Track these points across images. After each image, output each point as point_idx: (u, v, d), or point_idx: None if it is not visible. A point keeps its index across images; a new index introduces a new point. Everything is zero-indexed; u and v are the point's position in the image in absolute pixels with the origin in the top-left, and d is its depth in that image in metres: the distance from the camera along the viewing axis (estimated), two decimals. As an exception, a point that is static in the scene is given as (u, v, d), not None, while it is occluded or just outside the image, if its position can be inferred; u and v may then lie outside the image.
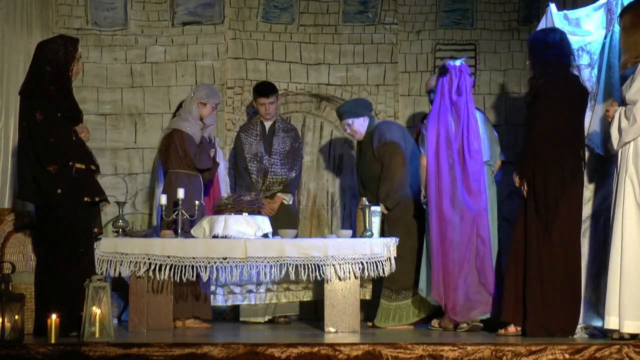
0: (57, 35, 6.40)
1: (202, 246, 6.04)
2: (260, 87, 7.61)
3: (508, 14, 8.53)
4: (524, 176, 5.74)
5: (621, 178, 5.35)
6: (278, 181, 7.44)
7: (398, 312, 6.63)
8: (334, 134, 8.56)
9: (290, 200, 7.49)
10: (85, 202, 5.81)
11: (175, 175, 6.72)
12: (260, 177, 7.43)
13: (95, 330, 5.15)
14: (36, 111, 5.77)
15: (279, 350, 4.85)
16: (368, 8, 8.53)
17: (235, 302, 7.24)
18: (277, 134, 7.53)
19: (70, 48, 5.93)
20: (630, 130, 5.32)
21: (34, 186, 5.77)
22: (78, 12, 8.33)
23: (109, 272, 6.03)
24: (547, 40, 5.85)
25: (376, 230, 6.36)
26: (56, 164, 5.73)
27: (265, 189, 7.39)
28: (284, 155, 7.49)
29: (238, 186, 7.38)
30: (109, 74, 8.32)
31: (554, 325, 5.54)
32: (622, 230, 5.28)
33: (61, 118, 5.81)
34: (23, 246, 6.56)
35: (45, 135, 5.75)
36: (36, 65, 5.92)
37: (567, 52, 5.86)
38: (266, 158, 7.45)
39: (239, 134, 7.60)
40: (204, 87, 6.95)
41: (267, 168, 7.43)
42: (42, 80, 5.84)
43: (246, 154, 7.46)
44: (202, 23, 8.39)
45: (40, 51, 5.93)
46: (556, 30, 5.96)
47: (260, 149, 7.46)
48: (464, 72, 6.47)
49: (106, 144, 8.25)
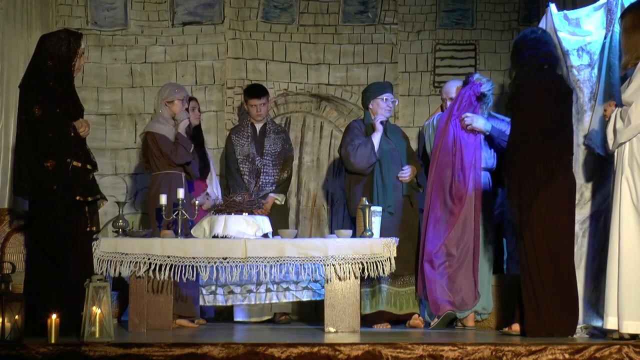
0: (61, 29, 6.35)
1: (202, 246, 6.03)
2: (251, 89, 7.63)
3: (508, 14, 8.54)
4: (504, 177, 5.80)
5: (617, 179, 5.34)
6: (270, 182, 7.45)
7: (399, 299, 6.70)
8: (334, 134, 8.56)
9: (282, 200, 7.50)
10: (77, 200, 5.78)
11: (158, 177, 6.72)
12: (253, 178, 7.43)
13: (95, 330, 5.15)
14: (35, 106, 5.72)
15: (279, 350, 4.85)
16: (368, 8, 8.54)
17: (235, 302, 7.24)
18: (268, 135, 7.54)
19: (73, 43, 5.86)
20: (624, 131, 5.31)
21: (30, 181, 5.73)
22: (78, 12, 8.33)
23: (109, 272, 6.02)
24: (525, 41, 5.84)
25: (376, 230, 6.36)
26: (54, 160, 5.70)
27: (258, 190, 7.40)
28: (276, 156, 7.50)
29: (231, 187, 7.38)
30: (109, 74, 8.33)
31: (552, 324, 5.54)
32: (620, 230, 5.28)
33: (60, 114, 5.76)
34: (23, 246, 6.56)
35: (44, 131, 5.70)
36: (37, 59, 5.85)
37: (546, 52, 5.80)
38: (258, 159, 7.46)
39: (230, 136, 7.60)
40: (167, 87, 6.93)
41: (260, 169, 7.44)
42: (42, 75, 5.78)
43: (238, 156, 7.47)
44: (202, 23, 8.39)
45: (43, 45, 5.86)
46: (535, 31, 5.94)
47: (252, 150, 7.47)
48: (478, 86, 6.70)
49: (106, 144, 8.25)
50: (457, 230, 6.50)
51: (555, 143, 5.65)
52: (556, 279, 5.58)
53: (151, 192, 6.69)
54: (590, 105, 5.95)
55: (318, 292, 7.10)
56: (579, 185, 5.90)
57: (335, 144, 8.56)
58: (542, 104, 5.67)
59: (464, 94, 6.70)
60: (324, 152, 8.51)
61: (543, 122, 5.66)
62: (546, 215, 5.59)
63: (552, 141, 5.65)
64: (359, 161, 6.81)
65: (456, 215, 6.50)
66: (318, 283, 7.06)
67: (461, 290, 6.45)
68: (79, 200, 5.78)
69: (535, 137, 5.63)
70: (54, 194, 5.68)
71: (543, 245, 5.59)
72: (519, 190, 5.63)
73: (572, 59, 6.00)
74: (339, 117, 8.61)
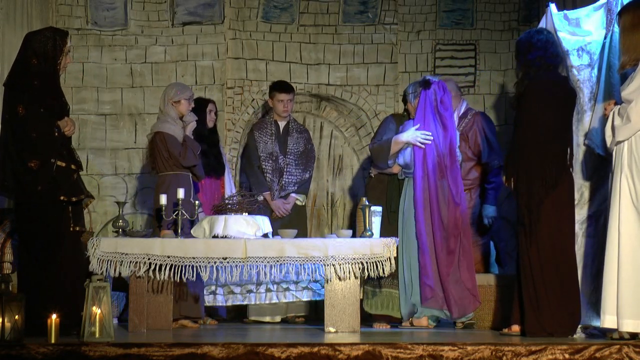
0: (46, 27, 6.32)
1: (202, 246, 6.03)
2: (280, 84, 7.63)
3: (508, 14, 8.54)
4: (510, 177, 5.76)
5: (616, 177, 5.33)
6: (293, 182, 7.45)
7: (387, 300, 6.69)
8: (333, 134, 8.56)
9: (303, 201, 7.51)
10: (61, 200, 5.75)
11: (165, 177, 6.70)
12: (276, 177, 7.43)
13: (95, 330, 5.15)
14: (19, 105, 5.67)
15: (279, 350, 4.85)
16: (368, 8, 8.54)
17: (235, 302, 7.24)
18: (291, 134, 7.53)
19: (59, 41, 5.80)
20: (623, 128, 5.28)
21: (14, 182, 5.68)
22: (78, 12, 8.33)
23: (109, 272, 6.02)
24: (532, 42, 5.82)
25: (376, 230, 6.36)
26: (38, 160, 5.65)
27: (280, 189, 7.40)
28: (298, 156, 7.50)
29: (252, 184, 7.38)
30: (109, 74, 8.32)
31: (552, 325, 5.54)
32: (619, 229, 5.27)
33: (44, 113, 5.69)
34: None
35: (27, 130, 5.64)
36: (22, 58, 5.80)
37: (553, 53, 5.82)
38: (281, 158, 7.45)
39: (253, 132, 7.58)
40: (172, 86, 6.92)
41: (283, 168, 7.43)
42: (27, 74, 5.73)
43: (260, 153, 7.46)
44: (202, 23, 8.39)
45: (28, 43, 5.80)
46: (542, 31, 5.93)
47: (276, 149, 7.46)
48: (445, 87, 6.69)
49: (106, 144, 8.25)
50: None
51: (563, 143, 5.67)
52: (558, 280, 5.58)
53: (159, 192, 6.65)
54: (590, 105, 5.95)
55: (318, 292, 7.11)
56: (579, 185, 5.90)
57: (335, 144, 8.57)
58: (552, 104, 5.68)
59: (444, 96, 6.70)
60: (324, 152, 8.51)
61: (552, 122, 5.66)
62: (551, 216, 5.59)
63: (561, 141, 5.67)
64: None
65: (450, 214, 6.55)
66: (318, 283, 7.06)
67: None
68: (63, 200, 5.76)
69: (546, 136, 5.64)
70: (38, 194, 5.65)
71: (547, 246, 5.59)
72: (528, 191, 5.62)
73: (572, 59, 6.00)
74: (339, 117, 8.61)
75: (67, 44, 5.87)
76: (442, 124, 6.59)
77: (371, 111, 8.46)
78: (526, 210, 5.62)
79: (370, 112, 8.47)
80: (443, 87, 6.68)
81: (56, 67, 5.81)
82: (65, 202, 5.74)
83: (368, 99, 8.48)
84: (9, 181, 5.71)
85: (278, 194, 7.38)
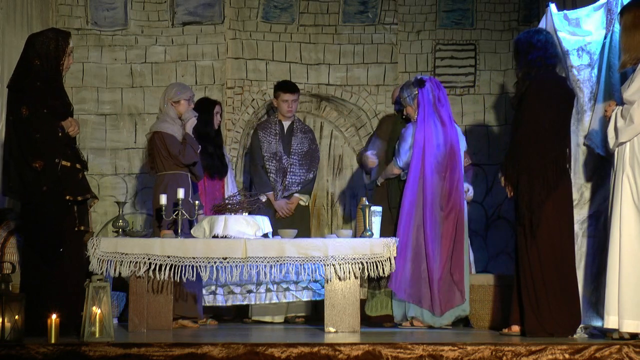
0: (49, 28, 6.32)
1: (202, 246, 6.03)
2: (285, 84, 7.62)
3: (508, 14, 8.54)
4: (509, 178, 5.76)
5: (618, 178, 5.34)
6: (296, 182, 7.45)
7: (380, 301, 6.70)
8: (333, 134, 8.57)
9: (307, 201, 7.51)
10: (67, 200, 5.75)
11: (163, 177, 6.70)
12: (279, 177, 7.42)
13: (95, 330, 5.15)
14: (22, 106, 5.68)
15: (279, 350, 4.85)
16: (368, 8, 8.54)
17: (235, 302, 7.24)
18: (295, 134, 7.53)
19: (61, 42, 5.81)
20: (626, 130, 5.30)
21: (19, 183, 5.70)
22: (78, 12, 8.33)
23: (109, 272, 6.02)
24: (532, 42, 5.82)
25: (376, 230, 6.36)
26: (42, 160, 5.66)
27: (284, 189, 7.40)
28: (302, 156, 7.50)
29: (255, 184, 7.38)
30: (109, 74, 8.33)
31: (552, 325, 5.54)
32: (620, 229, 5.28)
33: (47, 114, 5.70)
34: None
35: (31, 131, 5.66)
36: (25, 59, 5.81)
37: (553, 53, 5.82)
38: (285, 158, 7.45)
39: (257, 132, 7.57)
40: (172, 86, 6.92)
41: (287, 168, 7.43)
42: (30, 75, 5.74)
43: (264, 153, 7.45)
44: (202, 23, 8.40)
45: (30, 44, 5.81)
46: (541, 31, 5.93)
47: (279, 149, 7.45)
48: (439, 83, 6.73)
49: (106, 144, 8.26)
50: None
51: (563, 144, 5.68)
52: (558, 280, 5.58)
53: (157, 192, 6.65)
54: (590, 105, 5.95)
55: (318, 292, 7.11)
56: (579, 185, 5.90)
57: (335, 144, 8.56)
58: (553, 104, 5.68)
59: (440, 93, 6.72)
60: (324, 152, 8.51)
61: (554, 122, 5.67)
62: (551, 216, 5.59)
63: (561, 142, 5.67)
64: None
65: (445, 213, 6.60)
66: (318, 283, 7.06)
67: None
68: (69, 200, 5.76)
69: (548, 136, 5.64)
70: (43, 194, 5.66)
71: (547, 246, 5.59)
72: (530, 191, 5.62)
73: (572, 59, 6.00)
74: (339, 117, 8.61)
75: (70, 44, 5.89)
76: (441, 121, 6.59)
77: (371, 111, 8.46)
78: (527, 211, 5.62)
79: (370, 112, 8.47)
80: (437, 83, 6.69)
81: (59, 68, 5.83)
82: (70, 201, 5.76)
83: (368, 99, 8.49)
84: (14, 183, 5.73)
85: (281, 194, 7.38)
